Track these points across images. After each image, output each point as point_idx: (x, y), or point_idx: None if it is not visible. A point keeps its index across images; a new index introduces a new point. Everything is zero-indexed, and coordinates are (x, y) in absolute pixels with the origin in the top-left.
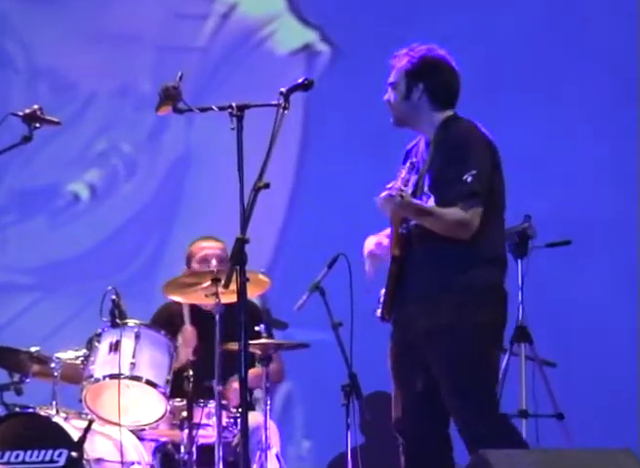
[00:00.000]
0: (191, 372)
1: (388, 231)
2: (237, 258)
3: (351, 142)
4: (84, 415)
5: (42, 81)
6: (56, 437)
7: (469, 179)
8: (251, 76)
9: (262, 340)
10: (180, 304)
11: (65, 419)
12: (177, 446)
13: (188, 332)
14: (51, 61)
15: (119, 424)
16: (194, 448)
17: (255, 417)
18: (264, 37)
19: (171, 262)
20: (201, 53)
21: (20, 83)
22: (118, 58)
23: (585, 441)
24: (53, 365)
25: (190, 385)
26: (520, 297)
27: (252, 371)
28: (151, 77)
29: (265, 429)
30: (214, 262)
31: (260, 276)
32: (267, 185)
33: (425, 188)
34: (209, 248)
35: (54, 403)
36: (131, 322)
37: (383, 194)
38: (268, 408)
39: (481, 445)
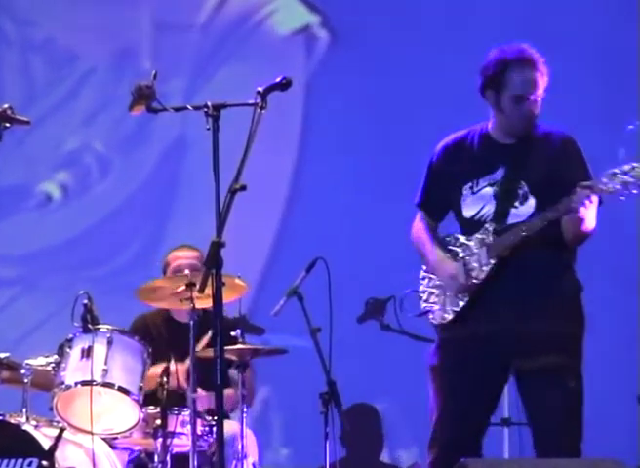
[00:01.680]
0: (165, 380)
1: None
2: (212, 262)
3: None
4: (55, 423)
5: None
6: (26, 445)
7: None
8: (250, 54)
9: (239, 346)
10: (154, 316)
11: (36, 427)
12: (150, 454)
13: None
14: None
15: (91, 432)
16: (168, 458)
17: (231, 426)
18: (265, 16)
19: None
20: (201, 30)
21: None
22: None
23: None
24: (23, 371)
25: (164, 393)
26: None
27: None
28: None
29: (242, 438)
30: (187, 272)
31: (237, 280)
32: (244, 188)
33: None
34: (182, 258)
35: (24, 410)
36: (103, 327)
37: None
38: (245, 416)
39: None
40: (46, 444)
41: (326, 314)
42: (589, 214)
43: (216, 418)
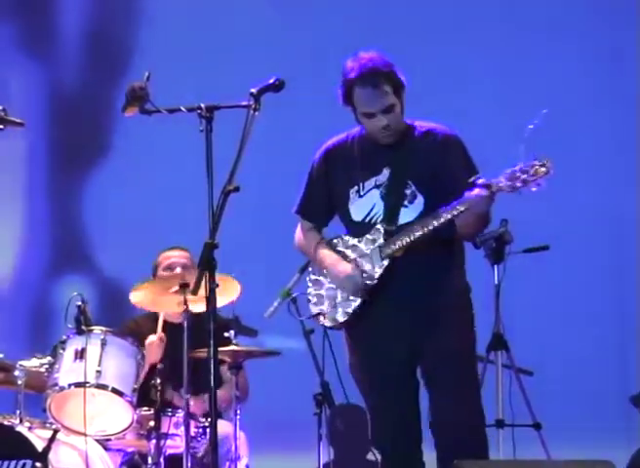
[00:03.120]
0: (159, 381)
1: None
2: (206, 264)
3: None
4: (48, 425)
5: None
6: (19, 447)
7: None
8: None
9: (232, 347)
10: (144, 319)
11: (29, 429)
12: (144, 456)
13: (153, 342)
14: None
15: (85, 434)
16: (162, 459)
17: (223, 427)
18: None
19: None
20: None
21: None
22: None
23: (563, 451)
24: (16, 373)
25: (158, 394)
26: (496, 304)
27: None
28: None
29: (235, 439)
30: (178, 270)
31: (231, 281)
32: (237, 189)
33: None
34: (174, 256)
35: (17, 412)
36: (97, 329)
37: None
38: (238, 417)
39: None
40: (39, 445)
41: None
42: (487, 212)
43: (209, 420)
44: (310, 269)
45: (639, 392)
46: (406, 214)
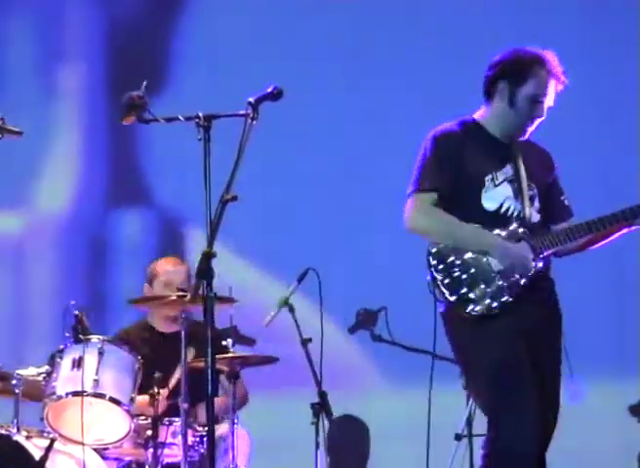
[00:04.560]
0: (156, 390)
1: None
2: (204, 273)
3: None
4: (46, 434)
5: None
6: (17, 456)
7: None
8: None
9: (230, 355)
10: (137, 329)
11: (27, 438)
12: (141, 465)
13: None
14: None
15: (82, 443)
16: None
17: (223, 427)
18: None
19: None
20: None
21: None
22: None
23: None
24: (14, 382)
25: (156, 403)
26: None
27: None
28: None
29: (233, 448)
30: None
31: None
32: (235, 198)
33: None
34: (173, 273)
35: (15, 420)
36: (94, 338)
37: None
38: (236, 426)
39: None
40: (37, 454)
41: (317, 324)
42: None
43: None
44: (445, 253)
45: (639, 401)
46: (533, 216)
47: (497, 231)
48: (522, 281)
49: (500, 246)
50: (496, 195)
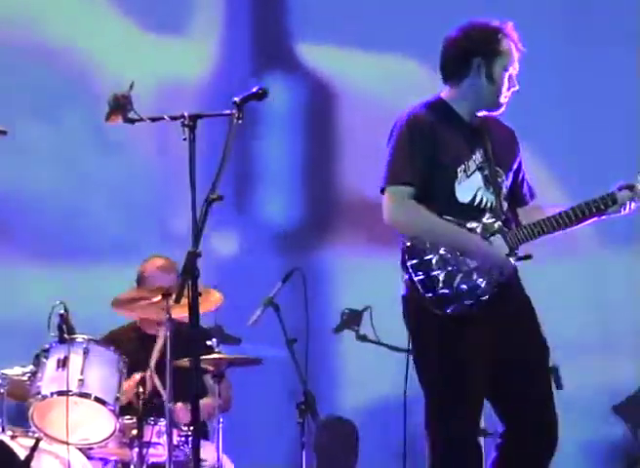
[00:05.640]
0: (141, 389)
1: None
2: (189, 272)
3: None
4: (31, 433)
5: None
6: (1, 456)
7: None
8: None
9: (215, 355)
10: (125, 331)
11: (12, 438)
12: (126, 465)
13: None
14: None
15: (67, 443)
16: None
17: (208, 451)
18: None
19: None
20: None
21: None
22: None
23: None
24: None
25: (141, 403)
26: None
27: (202, 402)
28: None
29: (218, 453)
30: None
31: (213, 291)
32: (221, 198)
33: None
34: (164, 277)
35: (0, 420)
36: (79, 337)
37: None
38: (220, 426)
39: None
40: (22, 454)
41: (302, 324)
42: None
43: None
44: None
45: (623, 401)
46: (503, 205)
47: (472, 224)
48: (501, 279)
49: (481, 248)
50: (469, 186)
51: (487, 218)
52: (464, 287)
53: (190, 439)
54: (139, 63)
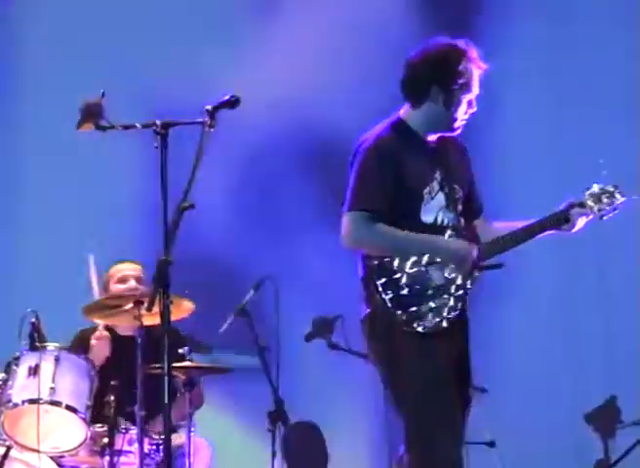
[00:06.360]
0: (112, 397)
1: None
2: (161, 280)
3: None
4: (1, 441)
5: None
6: None
7: None
8: None
9: (186, 364)
10: (95, 330)
11: None
12: None
13: (101, 333)
14: None
15: (38, 451)
16: None
17: (181, 437)
18: None
19: None
20: None
21: None
22: None
23: None
24: None
25: (112, 411)
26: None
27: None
28: None
29: (189, 455)
30: (132, 282)
31: (184, 299)
32: (192, 206)
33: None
34: (127, 269)
35: None
36: (50, 345)
37: None
38: (192, 434)
39: None
40: None
41: (273, 333)
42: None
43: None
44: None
45: (594, 410)
46: (462, 221)
47: None
48: (467, 290)
49: (448, 243)
50: (432, 207)
51: (448, 236)
52: (432, 304)
53: (162, 447)
54: None
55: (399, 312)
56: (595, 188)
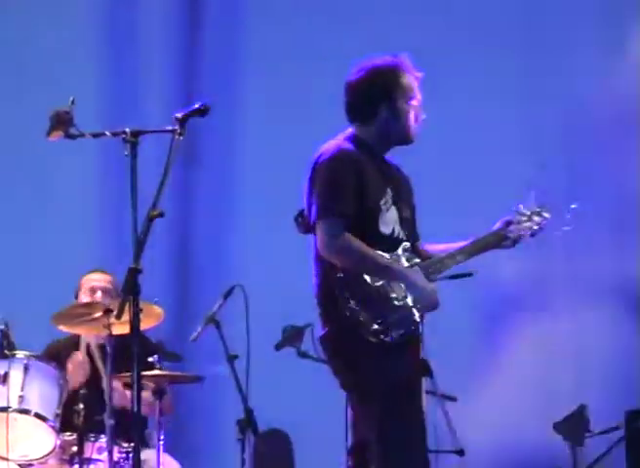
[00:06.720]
0: (82, 406)
1: None
2: (130, 289)
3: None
4: None
5: None
6: None
7: None
8: None
9: (156, 372)
10: (68, 340)
11: None
12: None
13: (78, 359)
14: None
15: (7, 459)
16: None
17: (149, 455)
18: None
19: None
20: None
21: None
22: None
23: None
24: None
25: (81, 419)
26: (420, 330)
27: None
28: None
29: (158, 465)
30: (99, 294)
31: (154, 307)
32: (162, 214)
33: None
34: (96, 280)
35: None
36: (20, 353)
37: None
38: (161, 443)
39: None
40: None
41: (243, 341)
42: None
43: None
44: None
45: (563, 419)
46: (410, 238)
47: (395, 255)
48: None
49: (412, 278)
50: (388, 219)
51: (401, 251)
52: (397, 316)
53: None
54: None
55: (366, 324)
56: (522, 208)
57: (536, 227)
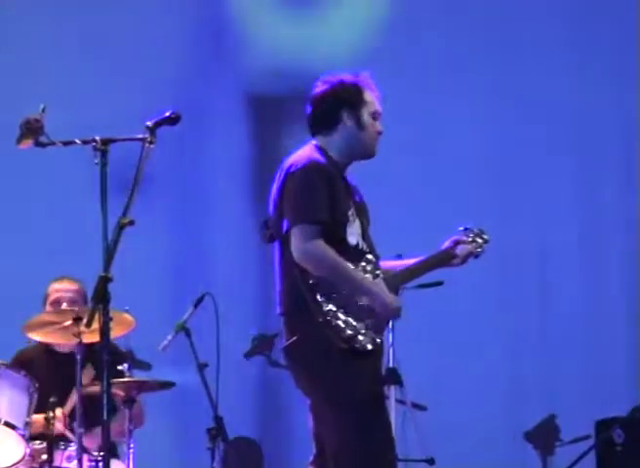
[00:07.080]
0: (51, 414)
1: None
2: (100, 297)
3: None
4: None
5: None
6: None
7: None
8: None
9: (125, 379)
10: (37, 347)
11: None
12: None
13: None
14: None
15: None
16: None
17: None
18: None
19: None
20: None
21: None
22: None
23: None
24: None
25: (50, 427)
26: (391, 339)
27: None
28: None
29: None
30: (64, 306)
31: (125, 315)
32: (132, 222)
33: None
34: (61, 290)
35: None
36: None
37: None
38: (131, 451)
39: None
40: None
41: (213, 349)
42: None
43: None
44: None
45: (533, 428)
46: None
47: (361, 265)
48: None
49: (376, 292)
50: (354, 230)
51: (365, 262)
52: (369, 322)
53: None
54: None
55: (340, 329)
56: (468, 229)
57: (479, 249)
